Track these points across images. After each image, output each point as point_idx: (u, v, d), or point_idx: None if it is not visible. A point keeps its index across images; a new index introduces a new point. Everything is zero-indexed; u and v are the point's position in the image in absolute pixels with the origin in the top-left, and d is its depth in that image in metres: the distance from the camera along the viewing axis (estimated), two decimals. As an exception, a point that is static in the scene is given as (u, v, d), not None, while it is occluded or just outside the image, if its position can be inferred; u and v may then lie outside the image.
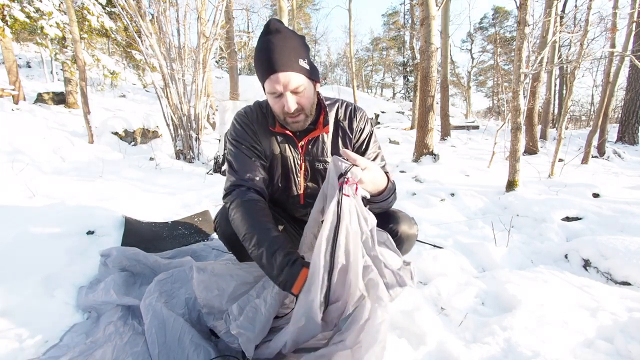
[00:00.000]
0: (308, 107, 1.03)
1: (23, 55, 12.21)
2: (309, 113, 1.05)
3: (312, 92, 1.03)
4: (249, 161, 1.09)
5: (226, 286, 1.03)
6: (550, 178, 4.12)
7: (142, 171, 3.79)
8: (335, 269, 0.80)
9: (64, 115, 6.35)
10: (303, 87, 0.97)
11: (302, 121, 1.04)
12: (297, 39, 0.98)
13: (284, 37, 0.94)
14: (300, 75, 0.95)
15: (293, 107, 0.97)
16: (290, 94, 0.96)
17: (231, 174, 1.10)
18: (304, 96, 0.99)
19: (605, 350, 1.00)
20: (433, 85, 4.73)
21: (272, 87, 0.95)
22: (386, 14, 26.99)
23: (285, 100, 0.96)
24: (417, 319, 1.13)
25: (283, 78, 0.93)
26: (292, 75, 0.94)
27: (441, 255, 1.62)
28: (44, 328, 1.14)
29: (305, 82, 0.98)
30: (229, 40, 8.60)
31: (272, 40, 0.93)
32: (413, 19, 14.81)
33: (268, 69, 0.93)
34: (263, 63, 0.94)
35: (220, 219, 1.15)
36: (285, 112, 0.99)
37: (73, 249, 1.60)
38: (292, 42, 0.95)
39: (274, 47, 0.92)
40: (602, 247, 1.61)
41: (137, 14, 4.18)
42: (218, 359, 0.91)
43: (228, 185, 1.09)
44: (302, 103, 0.99)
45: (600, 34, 6.26)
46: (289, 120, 1.03)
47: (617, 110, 13.67)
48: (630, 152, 7.68)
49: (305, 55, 0.99)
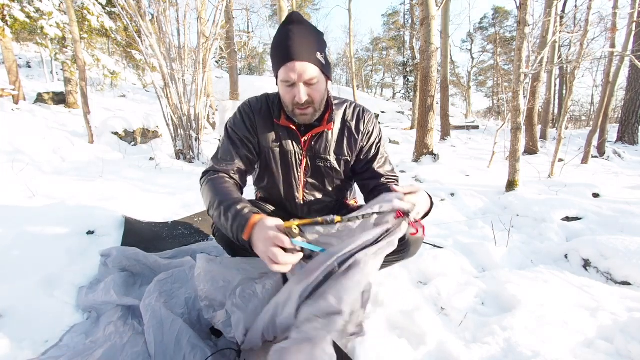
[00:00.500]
0: (318, 102, 1.02)
1: (23, 55, 12.20)
2: (318, 108, 1.04)
3: (324, 87, 1.03)
4: (232, 153, 1.10)
5: (232, 279, 1.03)
6: (550, 178, 4.12)
7: (142, 171, 3.79)
8: (334, 275, 0.79)
9: (64, 115, 6.35)
10: (317, 79, 0.97)
11: (310, 114, 1.03)
12: (316, 33, 0.98)
13: (305, 29, 0.95)
14: (315, 68, 0.96)
15: (304, 99, 0.96)
16: (303, 85, 0.96)
17: (212, 159, 1.12)
18: (316, 89, 0.99)
19: (605, 350, 1.00)
20: (433, 85, 4.73)
21: (287, 75, 0.94)
22: (386, 14, 27.02)
23: (298, 90, 0.96)
24: (417, 319, 1.13)
25: (299, 67, 0.93)
26: (308, 66, 0.94)
27: (441, 255, 1.62)
28: (44, 328, 1.14)
29: (320, 75, 0.98)
30: (229, 40, 8.60)
31: (292, 29, 0.94)
32: (413, 19, 14.82)
33: (285, 57, 0.93)
34: (281, 50, 0.94)
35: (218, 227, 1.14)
36: (295, 102, 0.98)
37: (73, 249, 1.60)
38: (312, 35, 0.96)
39: (293, 37, 0.93)
40: (602, 247, 1.61)
41: (137, 14, 4.18)
42: (216, 355, 0.92)
43: (205, 170, 1.11)
44: (313, 96, 0.99)
45: (600, 34, 6.26)
46: (297, 112, 1.02)
47: (617, 110, 13.67)
48: (630, 152, 7.69)
49: (323, 50, 0.99)
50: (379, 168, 1.17)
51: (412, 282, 1.49)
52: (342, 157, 1.16)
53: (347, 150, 1.16)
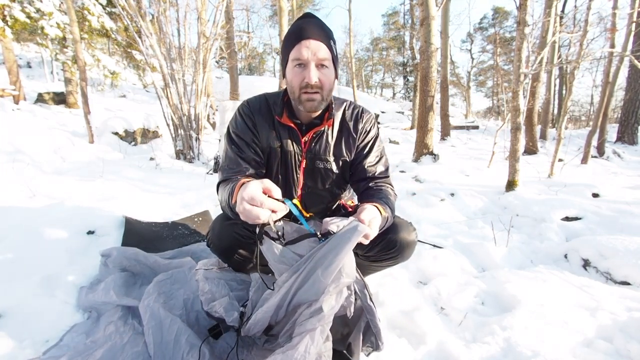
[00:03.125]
0: (327, 89, 1.01)
1: (23, 56, 12.20)
2: (326, 97, 1.02)
3: (333, 77, 1.03)
4: (239, 159, 1.08)
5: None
6: (549, 178, 4.12)
7: (142, 171, 3.79)
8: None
9: (64, 115, 6.36)
10: (328, 62, 0.98)
11: (316, 101, 1.00)
12: (330, 29, 1.01)
13: (320, 22, 0.99)
14: (328, 51, 0.97)
15: (314, 79, 0.95)
16: (315, 67, 0.96)
17: (221, 170, 1.11)
18: (326, 75, 0.99)
19: (604, 350, 1.00)
20: (433, 85, 4.73)
21: (300, 52, 0.94)
22: (386, 14, 27.01)
23: (309, 70, 0.95)
24: (417, 319, 1.13)
25: (314, 45, 0.93)
26: (322, 46, 0.95)
27: (441, 255, 1.62)
28: (44, 328, 1.14)
29: (331, 60, 0.99)
30: (229, 40, 8.61)
31: (308, 20, 0.97)
32: (413, 19, 14.83)
33: (300, 36, 0.94)
34: (296, 32, 0.95)
35: (212, 234, 1.13)
36: (304, 84, 0.97)
37: (73, 249, 1.61)
38: (326, 28, 0.99)
39: (309, 23, 0.96)
40: (602, 247, 1.62)
41: (137, 14, 4.19)
42: (214, 353, 0.93)
43: (218, 182, 1.10)
44: (322, 81, 0.98)
45: (600, 34, 6.26)
46: (304, 97, 0.99)
47: (617, 110, 13.68)
48: (629, 152, 7.69)
49: (334, 42, 1.01)
50: (369, 166, 1.15)
51: (412, 282, 1.49)
52: (340, 158, 1.16)
53: (346, 151, 1.16)
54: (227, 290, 1.05)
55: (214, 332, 1.02)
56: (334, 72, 1.03)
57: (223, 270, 1.20)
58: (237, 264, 1.18)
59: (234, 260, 1.15)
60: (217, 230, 1.11)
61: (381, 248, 1.08)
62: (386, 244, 1.06)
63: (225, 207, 0.96)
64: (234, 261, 1.16)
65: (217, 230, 1.11)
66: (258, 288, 1.01)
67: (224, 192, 0.97)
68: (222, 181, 1.08)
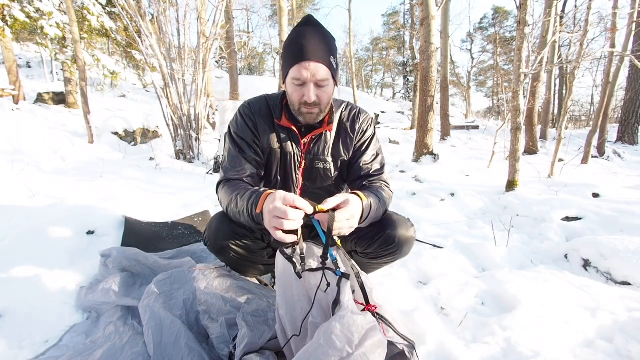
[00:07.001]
0: (325, 103, 1.03)
1: (23, 55, 12.19)
2: (324, 109, 1.06)
3: (332, 90, 1.04)
4: (240, 159, 1.10)
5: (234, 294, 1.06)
6: (550, 178, 4.12)
7: (142, 171, 3.79)
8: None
9: (64, 115, 6.35)
10: (327, 82, 0.98)
11: (315, 114, 1.04)
12: (331, 37, 1.00)
13: (321, 32, 0.97)
14: (327, 70, 0.97)
15: (313, 98, 0.98)
16: (314, 85, 0.97)
17: (222, 170, 1.13)
18: (325, 91, 1.00)
19: (605, 350, 1.00)
20: (433, 85, 4.73)
21: (299, 73, 0.95)
22: (386, 14, 27.05)
23: (308, 89, 0.97)
24: (417, 319, 1.13)
25: (313, 67, 0.94)
26: (321, 68, 0.95)
27: (441, 255, 1.62)
28: (44, 328, 1.14)
29: (330, 78, 0.99)
30: (229, 40, 8.61)
31: (309, 30, 0.96)
32: (413, 19, 14.81)
33: (300, 55, 0.94)
34: (296, 49, 0.95)
35: (209, 232, 1.14)
36: (303, 102, 1.00)
37: (73, 249, 1.60)
38: (327, 38, 0.98)
39: (310, 37, 0.95)
40: (602, 247, 1.61)
41: (137, 14, 4.19)
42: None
43: (218, 181, 1.12)
44: (321, 97, 1.00)
45: (600, 34, 6.28)
46: (303, 111, 1.03)
47: (617, 110, 13.65)
48: (630, 152, 7.68)
49: (335, 55, 1.01)
50: (365, 164, 1.16)
51: (412, 282, 1.49)
52: (339, 158, 1.17)
53: (344, 151, 1.17)
54: (222, 303, 1.04)
55: None
56: (333, 85, 1.04)
57: (220, 270, 1.20)
58: (234, 262, 1.18)
59: (231, 259, 1.15)
60: (213, 229, 1.11)
61: (380, 244, 1.09)
62: (385, 240, 1.07)
63: (241, 213, 0.94)
64: (231, 260, 1.16)
65: (214, 228, 1.12)
66: None
67: (232, 196, 0.98)
68: (223, 180, 1.10)
